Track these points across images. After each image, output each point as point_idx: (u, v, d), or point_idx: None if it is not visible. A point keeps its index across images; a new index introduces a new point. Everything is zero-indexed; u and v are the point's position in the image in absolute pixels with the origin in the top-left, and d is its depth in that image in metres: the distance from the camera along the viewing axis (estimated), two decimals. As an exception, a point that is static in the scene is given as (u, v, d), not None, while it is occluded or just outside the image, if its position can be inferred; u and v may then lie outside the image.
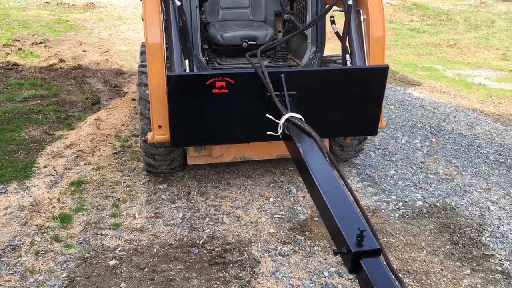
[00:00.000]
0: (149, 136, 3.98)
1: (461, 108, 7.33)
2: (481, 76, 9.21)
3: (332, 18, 4.34)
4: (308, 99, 3.63)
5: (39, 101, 6.80)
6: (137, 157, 5.25)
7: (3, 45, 9.59)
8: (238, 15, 5.58)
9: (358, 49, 4.16)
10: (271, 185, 4.83)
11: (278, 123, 3.25)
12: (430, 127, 6.52)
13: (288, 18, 5.31)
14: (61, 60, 8.85)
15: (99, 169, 5.01)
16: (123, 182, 4.76)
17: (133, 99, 6.98)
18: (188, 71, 3.96)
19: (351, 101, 3.86)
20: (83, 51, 9.67)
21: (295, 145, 2.94)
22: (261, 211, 4.41)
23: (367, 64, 4.13)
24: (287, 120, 3.18)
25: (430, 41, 12.19)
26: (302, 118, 3.21)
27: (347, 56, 4.18)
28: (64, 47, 9.89)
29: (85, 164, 5.10)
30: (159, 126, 3.94)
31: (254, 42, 5.00)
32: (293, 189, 4.74)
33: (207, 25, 5.38)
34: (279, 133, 3.25)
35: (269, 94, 3.41)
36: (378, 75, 3.81)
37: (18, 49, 9.33)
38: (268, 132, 3.33)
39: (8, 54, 9.03)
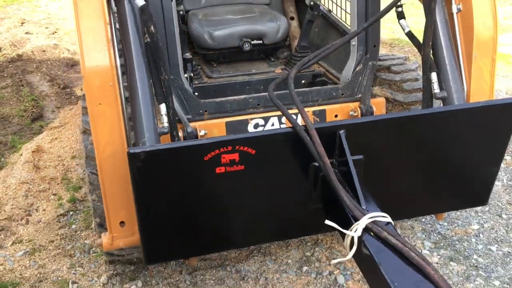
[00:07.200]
0: (105, 240, 2.27)
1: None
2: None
3: (400, 9, 2.62)
4: (384, 165, 2.17)
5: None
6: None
7: None
8: None
9: (451, 62, 2.47)
10: (304, 268, 3.11)
11: (346, 234, 1.81)
12: None
13: (313, 1, 3.38)
14: (-4, 50, 6.82)
15: (35, 252, 3.24)
16: (72, 283, 3.01)
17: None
18: (165, 125, 2.24)
19: (454, 160, 2.29)
20: (26, 33, 7.47)
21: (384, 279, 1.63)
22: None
23: (465, 88, 2.53)
24: (366, 228, 1.76)
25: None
26: (391, 220, 1.81)
27: (433, 76, 2.48)
28: (2, 28, 7.66)
29: (13, 243, 3.33)
30: (122, 223, 2.23)
31: (261, 41, 3.38)
32: (340, 278, 3.05)
33: (186, 15, 3.59)
34: (349, 255, 1.81)
35: (317, 166, 1.98)
36: (502, 117, 2.19)
37: None
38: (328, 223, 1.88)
39: None
